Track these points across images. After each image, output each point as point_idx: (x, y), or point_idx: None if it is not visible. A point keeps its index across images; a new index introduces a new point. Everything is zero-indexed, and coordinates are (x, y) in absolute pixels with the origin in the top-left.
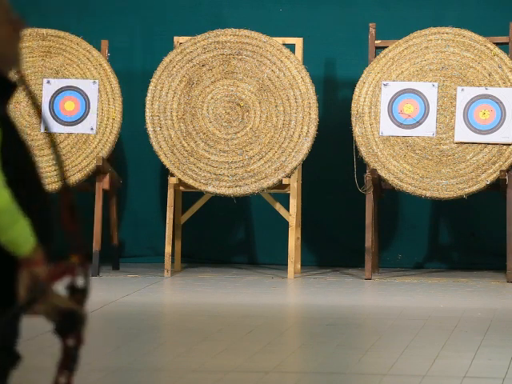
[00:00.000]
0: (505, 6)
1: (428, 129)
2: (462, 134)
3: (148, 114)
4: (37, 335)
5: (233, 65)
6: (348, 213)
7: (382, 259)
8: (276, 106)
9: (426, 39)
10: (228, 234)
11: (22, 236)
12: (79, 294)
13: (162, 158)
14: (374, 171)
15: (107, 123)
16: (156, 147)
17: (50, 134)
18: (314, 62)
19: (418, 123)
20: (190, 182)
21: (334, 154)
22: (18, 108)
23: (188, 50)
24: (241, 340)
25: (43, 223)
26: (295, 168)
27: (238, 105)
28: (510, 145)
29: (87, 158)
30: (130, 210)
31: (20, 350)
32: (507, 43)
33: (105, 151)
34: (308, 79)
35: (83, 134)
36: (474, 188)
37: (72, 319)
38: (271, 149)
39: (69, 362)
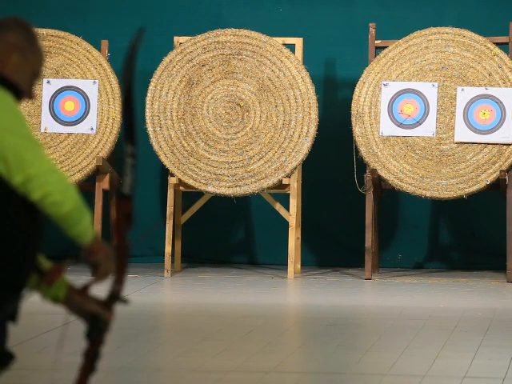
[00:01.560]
0: (505, 6)
1: (428, 129)
2: (462, 134)
3: (148, 113)
4: (37, 335)
5: (233, 65)
6: (348, 213)
7: (382, 259)
8: (276, 106)
9: (426, 39)
10: (228, 234)
11: (88, 228)
12: (111, 300)
13: (162, 158)
14: (373, 171)
15: (107, 123)
16: (156, 147)
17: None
18: (314, 62)
19: (418, 123)
20: (190, 182)
21: (334, 154)
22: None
23: (188, 49)
24: (241, 340)
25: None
26: (295, 168)
27: (238, 105)
28: (510, 145)
29: (87, 157)
30: None
31: (18, 350)
32: (507, 43)
33: (105, 151)
34: (308, 79)
35: (83, 134)
36: (474, 188)
37: (97, 324)
38: (271, 149)
39: (92, 362)
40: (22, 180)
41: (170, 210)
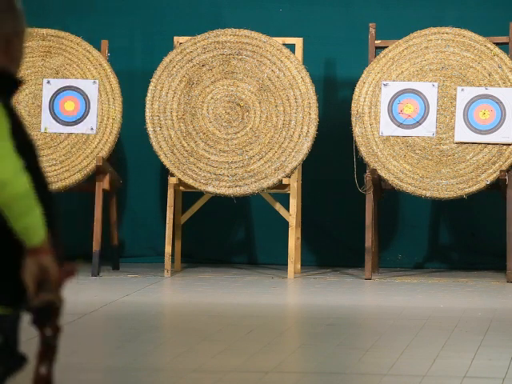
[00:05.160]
0: (505, 6)
1: (428, 129)
2: (462, 134)
3: (148, 114)
4: (37, 335)
5: (233, 65)
6: (348, 213)
7: (382, 259)
8: (276, 106)
9: (426, 39)
10: (228, 234)
11: (36, 224)
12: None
13: (162, 158)
14: (374, 171)
15: (107, 123)
16: (156, 147)
17: None
18: (314, 62)
19: (418, 123)
20: (190, 182)
21: (334, 154)
22: (18, 108)
23: (188, 49)
24: (241, 340)
25: (51, 215)
26: (295, 168)
27: (238, 105)
28: (510, 145)
29: (87, 157)
30: (130, 210)
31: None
32: (507, 43)
33: (105, 151)
34: (308, 79)
35: (83, 134)
36: (474, 188)
37: (48, 309)
38: (271, 149)
39: (48, 352)
40: None
41: (170, 210)
